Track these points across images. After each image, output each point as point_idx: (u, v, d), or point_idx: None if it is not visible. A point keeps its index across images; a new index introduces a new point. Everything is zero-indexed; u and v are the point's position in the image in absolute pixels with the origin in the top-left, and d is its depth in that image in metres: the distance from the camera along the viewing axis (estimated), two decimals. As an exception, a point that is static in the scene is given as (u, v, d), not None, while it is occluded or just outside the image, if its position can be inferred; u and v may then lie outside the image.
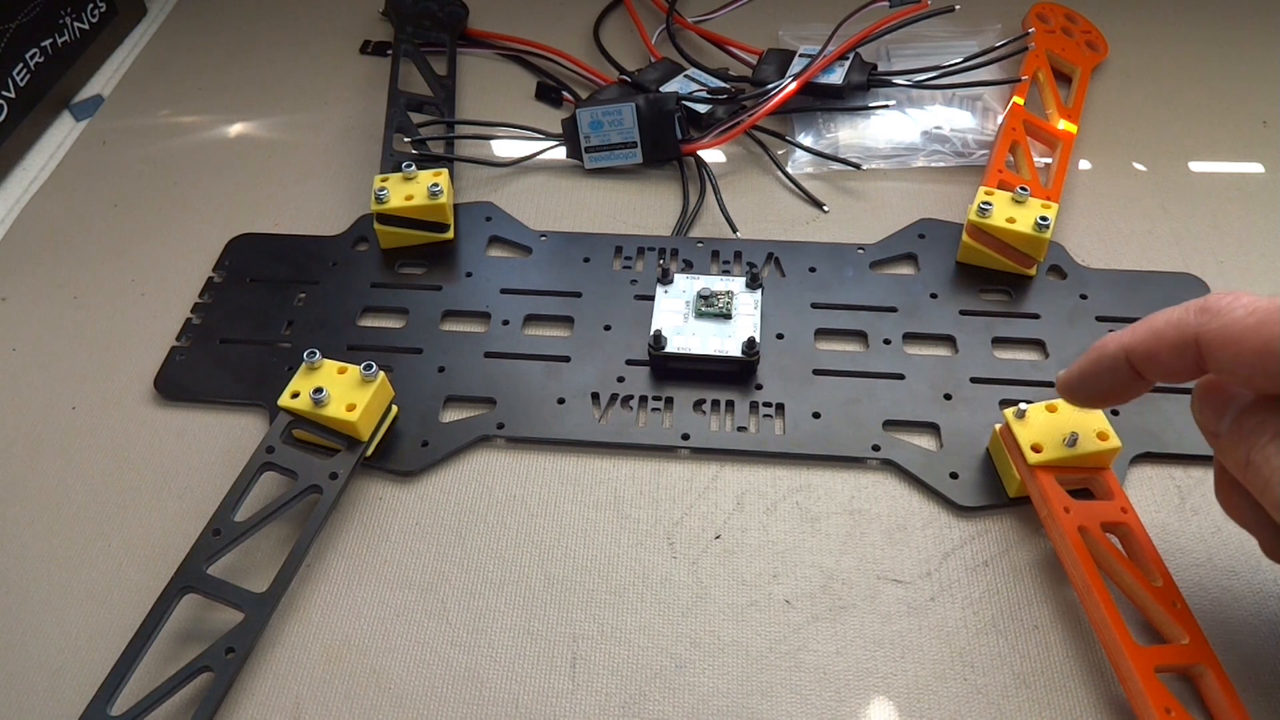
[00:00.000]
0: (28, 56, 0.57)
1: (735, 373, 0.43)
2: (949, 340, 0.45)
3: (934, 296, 0.46)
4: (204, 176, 0.55)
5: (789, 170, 0.53)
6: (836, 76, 0.54)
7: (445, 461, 0.41)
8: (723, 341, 0.43)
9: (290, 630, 0.37)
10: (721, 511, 0.40)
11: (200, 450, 0.42)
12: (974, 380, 0.43)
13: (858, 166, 0.52)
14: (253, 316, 0.47)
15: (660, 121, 0.52)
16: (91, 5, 0.62)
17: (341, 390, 0.39)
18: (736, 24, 0.62)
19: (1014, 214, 0.45)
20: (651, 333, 0.43)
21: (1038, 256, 0.46)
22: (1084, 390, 0.34)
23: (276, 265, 0.49)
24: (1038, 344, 0.44)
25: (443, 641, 0.36)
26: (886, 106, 0.54)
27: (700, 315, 0.44)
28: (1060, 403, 0.38)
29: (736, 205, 0.51)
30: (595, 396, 0.43)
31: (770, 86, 0.53)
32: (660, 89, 0.55)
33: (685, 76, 0.57)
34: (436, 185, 0.48)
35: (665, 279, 0.46)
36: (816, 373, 0.43)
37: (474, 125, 0.57)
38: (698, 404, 0.43)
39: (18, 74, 0.57)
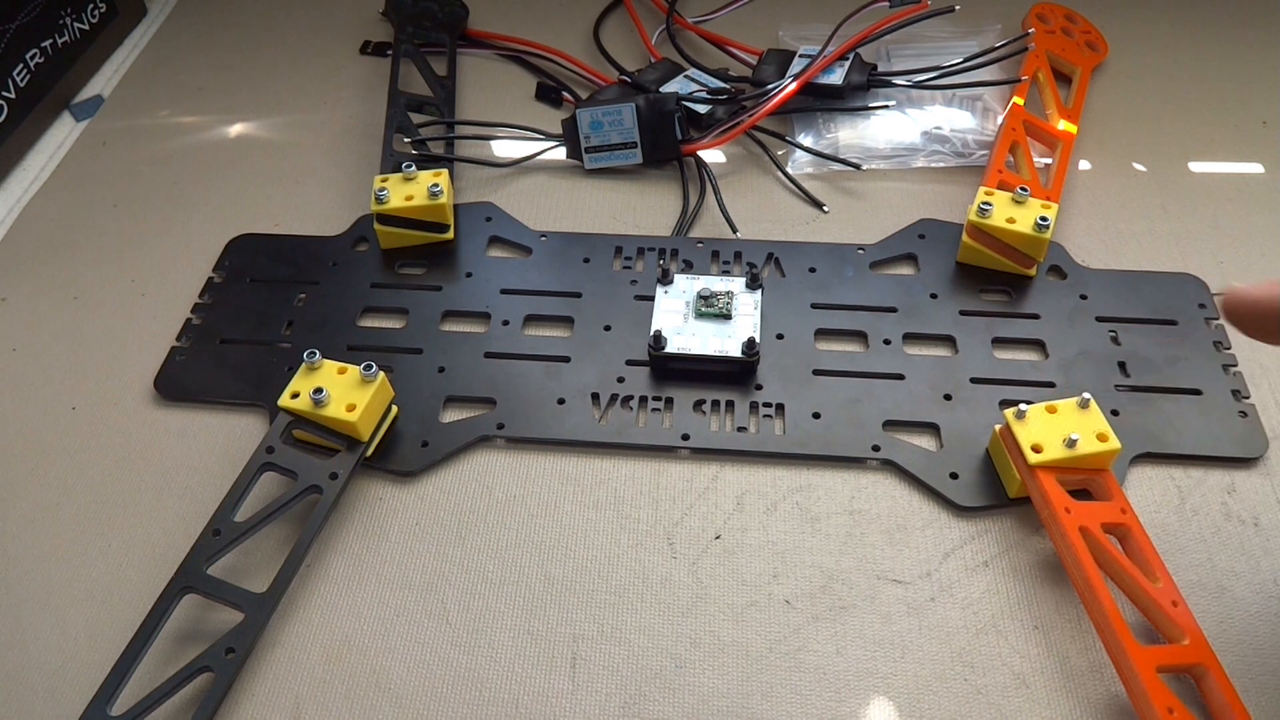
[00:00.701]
0: (28, 57, 0.57)
1: (735, 373, 0.43)
2: (949, 340, 0.45)
3: (934, 296, 0.46)
4: (204, 176, 0.55)
5: (789, 170, 0.53)
6: (836, 77, 0.54)
7: (445, 462, 0.41)
8: (723, 342, 0.43)
9: (290, 630, 0.37)
10: (721, 512, 0.40)
11: (200, 450, 0.42)
12: (974, 380, 0.43)
13: (858, 167, 0.52)
14: (253, 316, 0.47)
15: (660, 122, 0.52)
16: (91, 5, 0.62)
17: (341, 390, 0.39)
18: (736, 24, 0.62)
19: (1014, 214, 0.45)
20: (651, 333, 0.43)
21: (1038, 257, 0.46)
22: (1255, 319, 0.30)
23: (276, 265, 0.49)
24: (1038, 344, 0.44)
25: (443, 642, 0.36)
26: (886, 107, 0.54)
27: (700, 315, 0.44)
28: (1060, 404, 0.38)
29: (736, 205, 0.51)
30: (595, 397, 0.43)
31: (770, 87, 0.53)
32: (660, 89, 0.55)
33: (685, 77, 0.57)
34: (436, 185, 0.48)
35: (665, 279, 0.46)
36: (816, 373, 0.43)
37: (474, 125, 0.57)
38: (698, 404, 0.43)
39: (18, 74, 0.57)
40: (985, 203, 0.45)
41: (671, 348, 0.43)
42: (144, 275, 0.50)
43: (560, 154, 0.54)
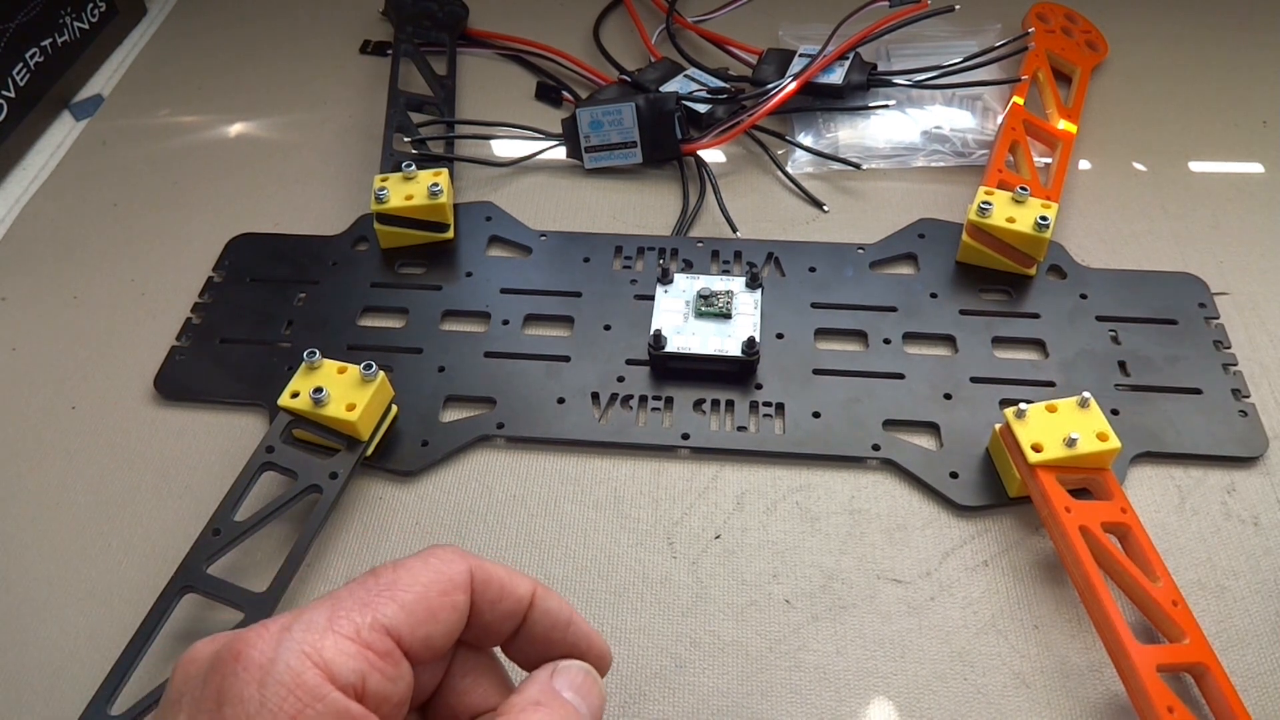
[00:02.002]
0: (28, 56, 0.57)
1: (735, 372, 0.43)
2: (949, 340, 0.45)
3: (934, 296, 0.46)
4: (204, 176, 0.55)
5: (789, 170, 0.53)
6: (836, 76, 0.54)
7: (445, 461, 0.41)
8: (723, 341, 0.43)
9: (290, 630, 0.37)
10: (721, 511, 0.40)
11: (200, 450, 0.42)
12: (974, 380, 0.43)
13: (858, 166, 0.52)
14: (253, 316, 0.47)
15: (660, 121, 0.52)
16: (91, 5, 0.62)
17: (341, 390, 0.39)
18: (736, 24, 0.62)
19: (1014, 214, 0.45)
20: (651, 332, 0.43)
21: (1038, 256, 0.46)
22: None
23: (276, 265, 0.49)
24: (1038, 344, 0.44)
25: (443, 641, 0.36)
26: (886, 106, 0.54)
27: (700, 315, 0.44)
28: (1060, 403, 0.38)
29: (736, 205, 0.51)
30: (595, 396, 0.43)
31: (770, 86, 0.53)
32: (660, 89, 0.55)
33: (685, 76, 0.57)
34: (436, 185, 0.48)
35: (665, 279, 0.46)
36: (816, 372, 0.43)
37: (474, 125, 0.57)
38: (698, 404, 0.43)
39: (18, 74, 0.57)
40: (985, 202, 0.45)
41: (671, 347, 0.43)
42: (144, 275, 0.50)
43: (560, 153, 0.54)
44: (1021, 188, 0.46)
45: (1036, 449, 0.37)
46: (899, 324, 0.45)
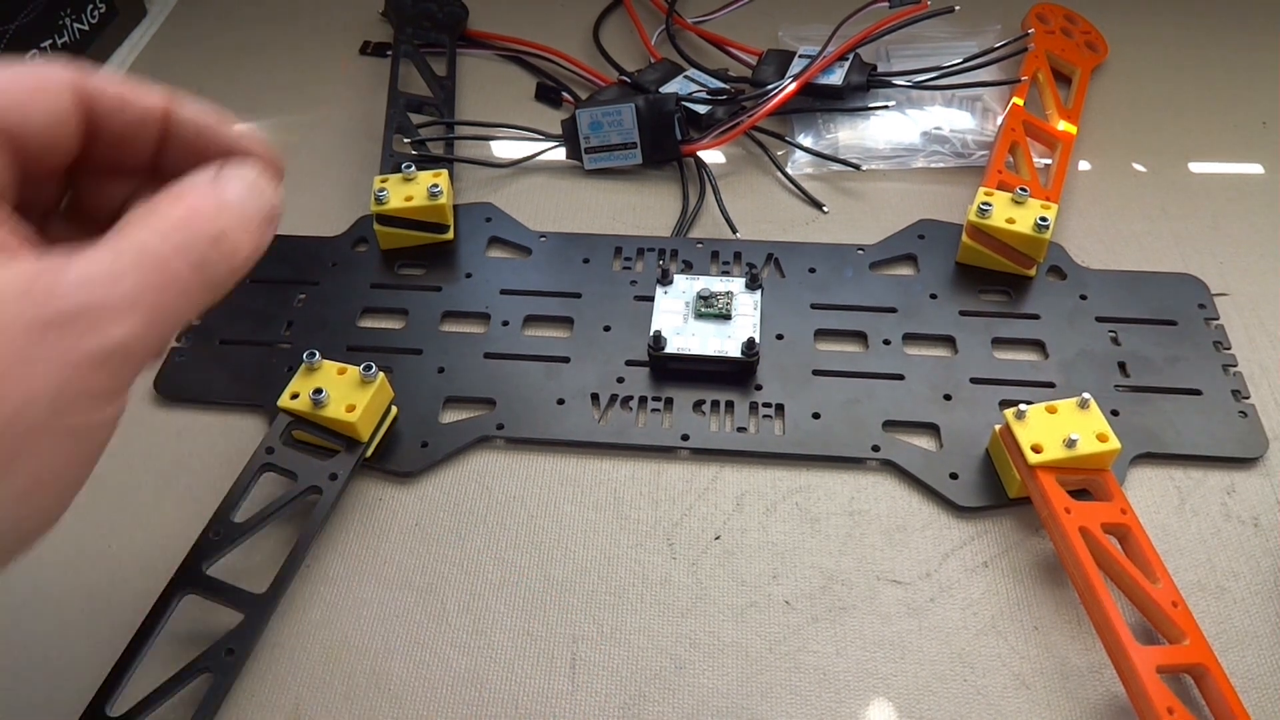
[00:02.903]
0: (28, 57, 0.57)
1: (735, 373, 0.43)
2: (949, 341, 0.45)
3: (934, 297, 0.46)
4: (204, 177, 0.55)
5: (789, 171, 0.53)
6: (836, 77, 0.54)
7: (445, 462, 0.41)
8: (722, 342, 0.43)
9: (290, 631, 0.37)
10: (721, 512, 0.40)
11: (200, 451, 0.42)
12: (974, 380, 0.43)
13: (857, 167, 0.52)
14: (253, 317, 0.47)
15: (660, 122, 0.52)
16: (91, 6, 0.62)
17: (341, 391, 0.39)
18: (736, 24, 0.62)
19: (1014, 214, 0.45)
20: (651, 333, 0.43)
21: (1037, 257, 0.46)
22: None
23: (276, 265, 0.49)
24: (1037, 344, 0.44)
25: (442, 643, 0.36)
26: (886, 107, 0.54)
27: (700, 316, 0.44)
28: (1060, 404, 0.38)
29: (736, 206, 0.51)
30: (595, 397, 0.43)
31: (770, 87, 0.53)
32: (660, 90, 0.55)
33: (685, 77, 0.57)
34: (436, 186, 0.48)
35: (665, 279, 0.46)
36: (816, 373, 0.43)
37: (474, 126, 0.57)
38: (697, 404, 0.43)
39: (18, 75, 0.57)
40: (985, 203, 0.45)
41: (671, 348, 0.43)
42: (144, 276, 0.50)
43: (560, 154, 0.54)
44: (1021, 188, 0.46)
45: (1036, 450, 0.37)
46: (899, 325, 0.45)
